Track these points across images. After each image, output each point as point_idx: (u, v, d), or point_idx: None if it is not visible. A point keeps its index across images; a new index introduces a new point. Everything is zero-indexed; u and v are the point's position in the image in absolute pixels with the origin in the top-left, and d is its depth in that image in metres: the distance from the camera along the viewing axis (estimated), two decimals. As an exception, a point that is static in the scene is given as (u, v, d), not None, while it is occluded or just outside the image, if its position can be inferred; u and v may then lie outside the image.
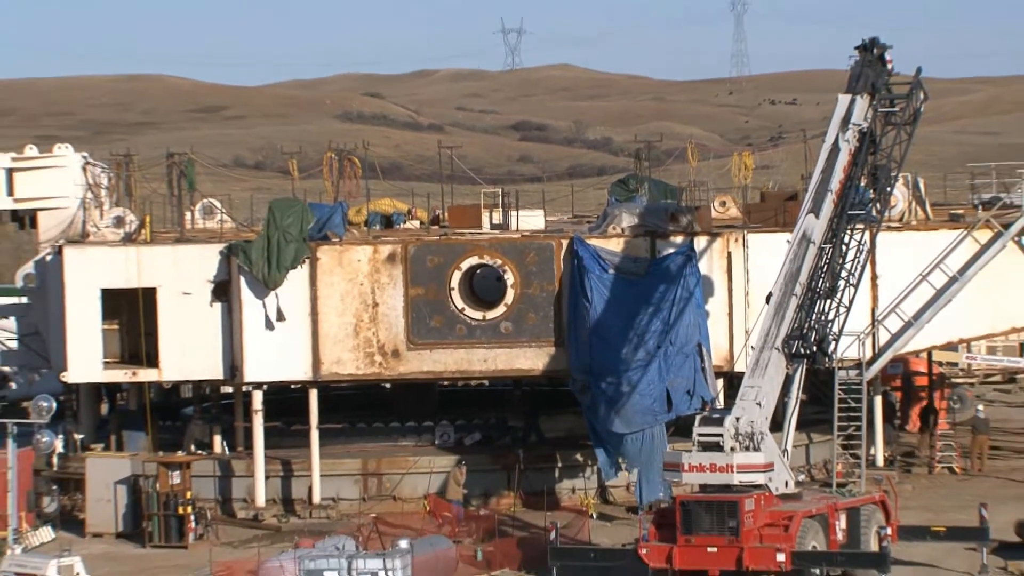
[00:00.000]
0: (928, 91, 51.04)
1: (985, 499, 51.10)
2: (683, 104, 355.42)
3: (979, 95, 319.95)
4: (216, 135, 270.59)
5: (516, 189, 73.16)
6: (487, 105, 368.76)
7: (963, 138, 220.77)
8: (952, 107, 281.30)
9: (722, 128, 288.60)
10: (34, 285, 65.21)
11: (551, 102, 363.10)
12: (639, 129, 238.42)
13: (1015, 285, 58.57)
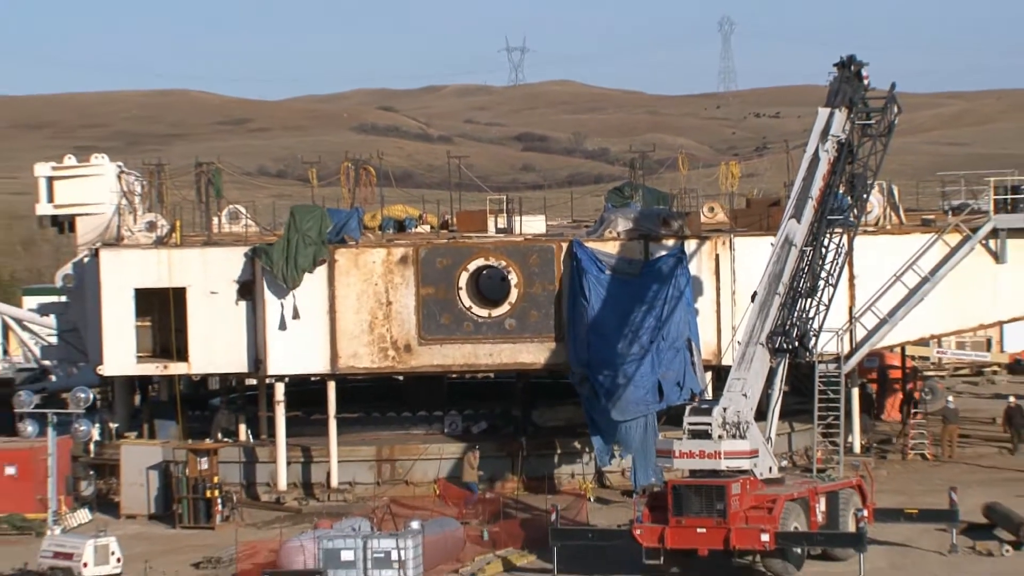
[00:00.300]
0: (902, 105, 51.14)
1: (954, 483, 51.25)
2: (674, 117, 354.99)
3: (949, 109, 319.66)
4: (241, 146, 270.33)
5: (519, 196, 73.32)
6: (492, 118, 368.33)
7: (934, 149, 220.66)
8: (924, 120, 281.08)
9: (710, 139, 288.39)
10: (72, 285, 65.30)
11: (552, 115, 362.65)
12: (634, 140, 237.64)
13: (982, 285, 58.66)
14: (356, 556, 42.79)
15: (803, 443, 57.05)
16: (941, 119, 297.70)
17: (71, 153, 65.97)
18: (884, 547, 47.32)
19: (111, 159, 64.55)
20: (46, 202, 63.39)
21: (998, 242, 58.17)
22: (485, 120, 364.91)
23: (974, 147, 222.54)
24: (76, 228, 63.29)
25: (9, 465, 55.12)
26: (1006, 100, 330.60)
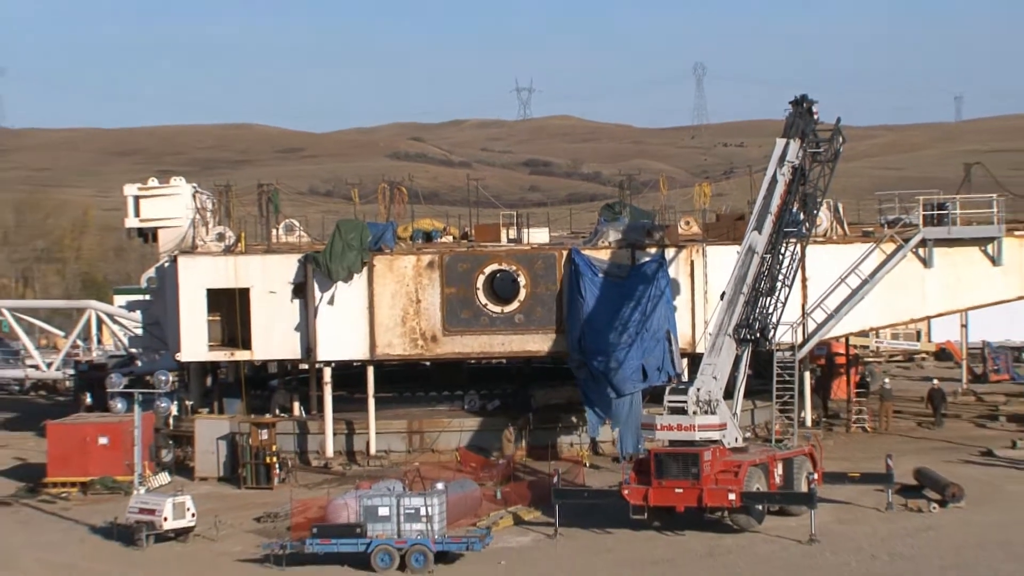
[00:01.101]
0: (845, 136, 51.00)
1: (890, 451, 51.17)
2: (656, 146, 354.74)
3: (885, 139, 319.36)
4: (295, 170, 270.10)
5: (527, 212, 73.32)
6: (504, 147, 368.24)
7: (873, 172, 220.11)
8: (864, 148, 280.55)
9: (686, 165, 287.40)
10: (155, 286, 65.48)
11: (554, 144, 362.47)
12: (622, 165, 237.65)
13: (912, 286, 58.56)
14: (391, 512, 42.73)
15: (763, 418, 56.94)
16: (878, 147, 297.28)
17: (154, 176, 66.08)
18: (831, 505, 47.26)
19: (187, 181, 64.69)
20: (133, 217, 63.49)
21: (926, 250, 58.05)
22: (498, 149, 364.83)
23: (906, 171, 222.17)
24: (158, 238, 63.38)
25: (102, 436, 55.17)
26: (931, 132, 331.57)
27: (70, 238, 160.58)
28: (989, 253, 58.55)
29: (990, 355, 77.13)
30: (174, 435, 58.81)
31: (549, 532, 46.23)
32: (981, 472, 52.93)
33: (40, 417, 65.35)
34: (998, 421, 63.31)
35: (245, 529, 47.95)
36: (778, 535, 45.00)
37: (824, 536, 44.31)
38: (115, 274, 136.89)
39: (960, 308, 64.57)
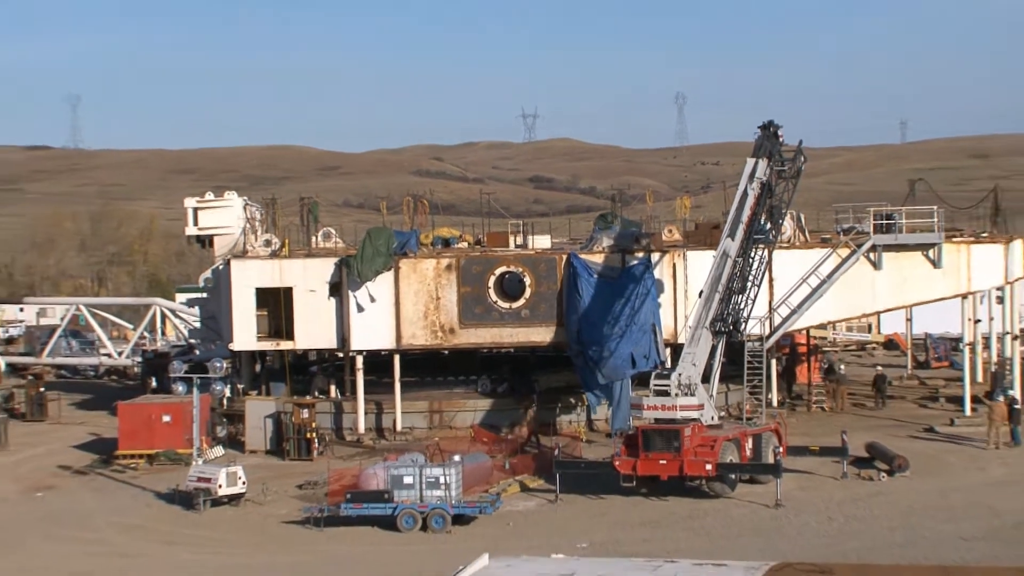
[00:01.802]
0: (806, 155, 51.02)
1: (845, 428, 51.19)
2: (644, 164, 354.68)
3: (841, 158, 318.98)
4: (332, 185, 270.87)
5: (531, 221, 73.23)
6: (512, 165, 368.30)
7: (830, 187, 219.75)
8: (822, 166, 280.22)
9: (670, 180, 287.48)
10: (211, 285, 65.43)
11: (555, 163, 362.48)
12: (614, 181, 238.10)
13: (864, 286, 58.41)
14: (414, 480, 42.77)
15: (736, 399, 56.79)
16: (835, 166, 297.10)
17: (210, 191, 66.06)
18: (794, 474, 47.21)
19: (239, 195, 64.73)
20: (192, 225, 63.51)
21: (876, 255, 57.93)
22: (507, 167, 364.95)
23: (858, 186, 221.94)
24: (214, 244, 63.37)
25: (166, 414, 55.26)
26: (880, 153, 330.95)
27: (138, 244, 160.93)
28: (930, 257, 58.47)
29: (931, 345, 77.09)
30: (227, 414, 58.82)
31: (551, 498, 46.25)
32: (924, 446, 52.88)
33: (112, 398, 65.38)
34: (938, 402, 63.16)
35: (289, 495, 47.99)
36: (749, 500, 45.02)
37: (788, 501, 44.32)
38: (177, 275, 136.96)
39: (905, 304, 64.51)
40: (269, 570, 38.64)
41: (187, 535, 43.71)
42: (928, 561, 33.83)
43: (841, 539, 39.53)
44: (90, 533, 44.55)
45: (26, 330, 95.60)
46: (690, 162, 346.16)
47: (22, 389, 69.87)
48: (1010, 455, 51.33)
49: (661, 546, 37.84)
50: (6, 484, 52.29)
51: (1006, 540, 38.76)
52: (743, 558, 27.97)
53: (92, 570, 39.69)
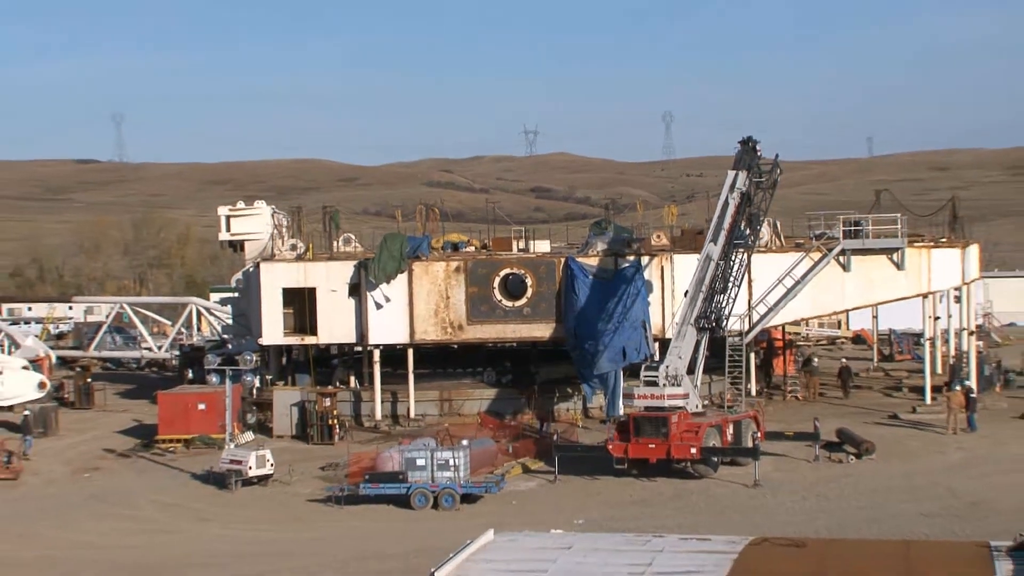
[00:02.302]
0: (782, 168, 51.10)
1: (817, 415, 51.21)
2: (634, 176, 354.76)
3: (813, 171, 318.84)
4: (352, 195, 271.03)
5: (533, 228, 73.19)
6: (515, 176, 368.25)
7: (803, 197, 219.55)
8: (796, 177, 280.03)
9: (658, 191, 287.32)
10: (242, 286, 65.44)
11: (554, 175, 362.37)
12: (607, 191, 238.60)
13: (834, 286, 58.34)
14: (426, 463, 42.84)
15: (718, 389, 56.75)
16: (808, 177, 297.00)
17: (242, 200, 66.06)
18: (771, 457, 47.25)
19: (267, 204, 64.71)
20: (225, 232, 63.42)
21: (845, 258, 57.88)
22: (511, 178, 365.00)
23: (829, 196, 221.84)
24: (244, 249, 63.33)
25: (201, 403, 55.24)
26: (849, 166, 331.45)
27: (176, 248, 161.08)
28: (894, 260, 58.45)
29: (895, 340, 77.02)
30: (257, 402, 58.80)
31: (550, 478, 46.28)
32: (889, 431, 52.84)
33: (152, 388, 65.44)
34: (901, 391, 63.09)
35: (312, 476, 48.04)
36: (730, 480, 45.04)
37: (766, 481, 44.34)
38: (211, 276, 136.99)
39: (872, 303, 64.50)
40: (295, 544, 38.67)
41: (220, 512, 43.76)
42: (892, 536, 33.77)
43: (813, 516, 39.53)
44: (132, 510, 44.60)
45: (75, 326, 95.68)
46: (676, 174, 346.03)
47: (71, 380, 69.97)
48: (967, 440, 51.31)
49: (650, 523, 37.82)
50: (57, 466, 52.35)
51: (963, 517, 38.77)
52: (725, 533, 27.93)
53: (135, 544, 39.73)
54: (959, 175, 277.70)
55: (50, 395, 60.96)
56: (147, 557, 37.72)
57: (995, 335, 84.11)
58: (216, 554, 37.81)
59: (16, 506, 45.57)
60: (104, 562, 37.10)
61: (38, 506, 45.50)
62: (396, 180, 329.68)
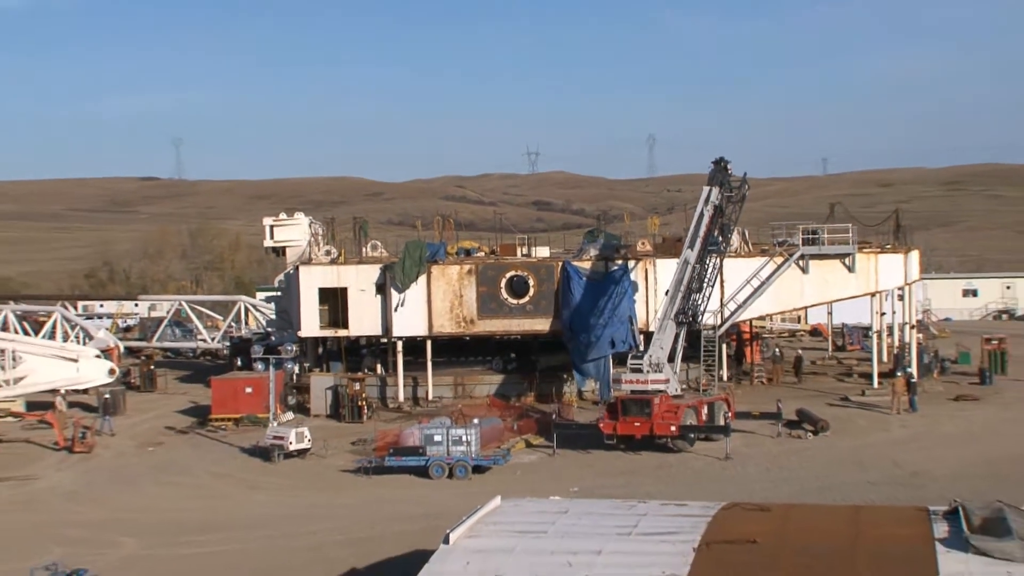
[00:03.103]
0: (749, 184, 50.94)
1: (779, 398, 51.16)
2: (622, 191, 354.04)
3: (776, 187, 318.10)
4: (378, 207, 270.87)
5: (534, 236, 73.41)
6: (519, 192, 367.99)
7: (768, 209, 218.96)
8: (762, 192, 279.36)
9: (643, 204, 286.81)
10: (284, 286, 65.52)
11: (553, 190, 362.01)
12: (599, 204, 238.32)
13: (794, 286, 58.31)
14: (442, 438, 42.75)
15: (694, 375, 56.72)
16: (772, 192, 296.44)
17: (283, 212, 66.16)
18: (740, 434, 47.16)
19: (306, 215, 64.81)
20: (269, 239, 63.62)
21: (804, 262, 57.86)
22: (515, 193, 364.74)
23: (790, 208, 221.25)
24: (286, 254, 63.45)
25: (248, 387, 55.26)
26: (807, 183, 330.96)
27: (227, 254, 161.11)
28: (846, 264, 58.40)
29: (847, 333, 76.89)
30: (296, 386, 58.84)
31: (549, 452, 46.20)
32: (841, 412, 52.79)
33: (207, 374, 65.52)
34: (852, 377, 63.00)
35: (344, 450, 48.01)
36: (704, 454, 44.97)
37: (735, 455, 44.27)
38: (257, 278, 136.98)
39: (827, 301, 64.46)
40: (329, 508, 38.68)
41: (265, 481, 43.77)
42: (844, 501, 33.76)
43: (777, 484, 39.48)
44: (189, 479, 44.64)
45: (140, 321, 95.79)
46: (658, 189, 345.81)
47: (136, 367, 70.10)
48: (908, 419, 51.27)
49: (636, 490, 37.80)
50: (125, 441, 52.43)
51: (904, 485, 38.73)
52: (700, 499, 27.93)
53: (192, 508, 39.76)
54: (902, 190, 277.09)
55: (119, 380, 61.04)
56: (203, 519, 37.76)
57: (933, 329, 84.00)
58: (261, 516, 37.85)
59: (90, 475, 45.65)
60: (166, 523, 37.15)
61: (109, 475, 45.57)
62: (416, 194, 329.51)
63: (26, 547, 33.61)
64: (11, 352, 57.54)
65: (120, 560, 32.18)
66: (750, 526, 23.03)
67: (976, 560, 20.88)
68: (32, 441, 51.81)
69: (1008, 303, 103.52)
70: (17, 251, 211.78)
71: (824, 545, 22.14)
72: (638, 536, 22.91)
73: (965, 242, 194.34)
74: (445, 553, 22.32)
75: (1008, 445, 45.62)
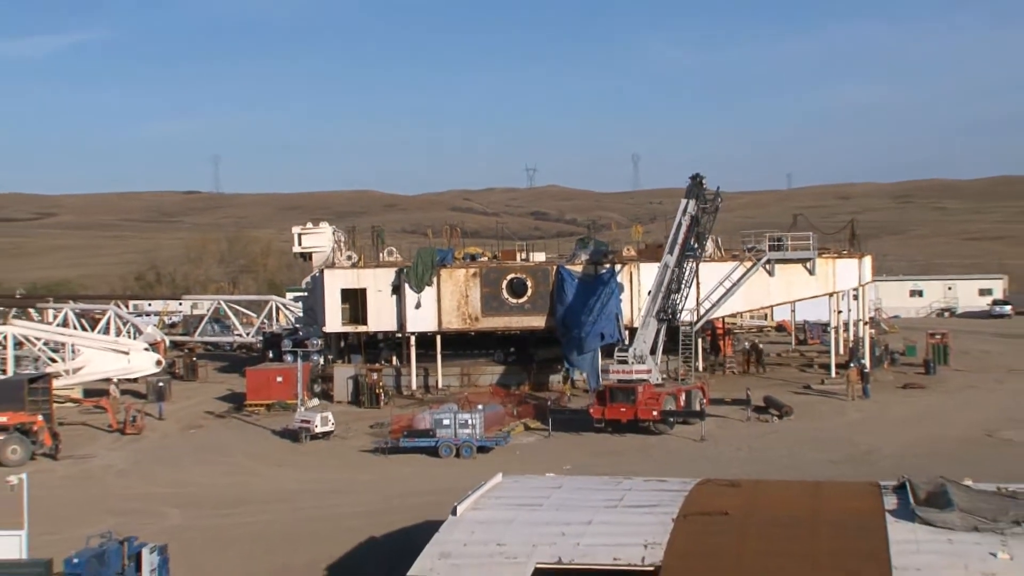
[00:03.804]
0: (722, 197, 50.93)
1: (749, 386, 51.15)
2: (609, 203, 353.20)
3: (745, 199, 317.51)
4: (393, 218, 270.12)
5: (532, 243, 73.17)
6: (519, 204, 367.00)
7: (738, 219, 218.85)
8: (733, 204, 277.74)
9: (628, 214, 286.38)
10: (310, 287, 65.48)
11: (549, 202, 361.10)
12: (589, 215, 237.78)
13: (762, 288, 58.27)
14: (450, 422, 42.76)
15: (673, 366, 56.72)
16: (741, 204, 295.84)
17: (310, 222, 66.10)
18: (713, 418, 47.19)
19: (329, 225, 64.76)
20: (297, 245, 63.60)
21: (770, 266, 57.85)
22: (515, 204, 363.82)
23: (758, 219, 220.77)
24: (312, 259, 63.40)
25: (279, 376, 55.17)
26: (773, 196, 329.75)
27: (260, 258, 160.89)
28: (808, 267, 58.37)
29: (808, 328, 76.78)
30: (321, 376, 58.80)
31: (545, 435, 46.15)
32: (803, 398, 52.80)
33: (242, 365, 65.50)
34: (812, 368, 62.97)
35: (364, 432, 48.00)
36: (682, 436, 44.96)
37: (710, 436, 44.27)
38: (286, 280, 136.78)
39: (790, 300, 64.37)
40: (350, 484, 38.67)
41: (293, 460, 43.76)
42: (806, 477, 33.73)
43: (746, 463, 39.48)
44: (227, 458, 44.63)
45: (183, 318, 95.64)
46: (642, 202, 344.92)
47: (180, 358, 70.03)
48: (862, 405, 51.29)
49: (622, 468, 37.76)
50: (169, 424, 52.42)
51: (859, 462, 38.74)
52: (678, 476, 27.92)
53: (229, 483, 39.75)
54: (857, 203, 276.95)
55: (165, 370, 61.09)
56: (238, 493, 37.76)
57: (884, 325, 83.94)
58: (290, 491, 37.84)
59: (139, 454, 45.65)
60: (205, 496, 37.15)
61: (156, 454, 45.57)
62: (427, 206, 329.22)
63: (83, 517, 33.62)
64: (71, 346, 57.76)
65: (166, 529, 32.16)
66: (722, 500, 23.05)
67: (922, 529, 20.92)
68: (89, 424, 51.80)
69: (950, 302, 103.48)
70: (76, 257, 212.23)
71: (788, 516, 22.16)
72: (624, 508, 22.93)
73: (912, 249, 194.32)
74: (453, 523, 22.35)
75: (950, 427, 45.65)
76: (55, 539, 29.20)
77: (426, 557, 20.96)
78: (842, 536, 20.94)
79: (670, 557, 20.23)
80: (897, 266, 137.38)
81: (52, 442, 44.18)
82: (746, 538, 21.04)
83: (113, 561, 24.63)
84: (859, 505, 22.68)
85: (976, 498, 22.06)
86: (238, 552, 30.26)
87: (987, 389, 55.75)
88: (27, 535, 24.66)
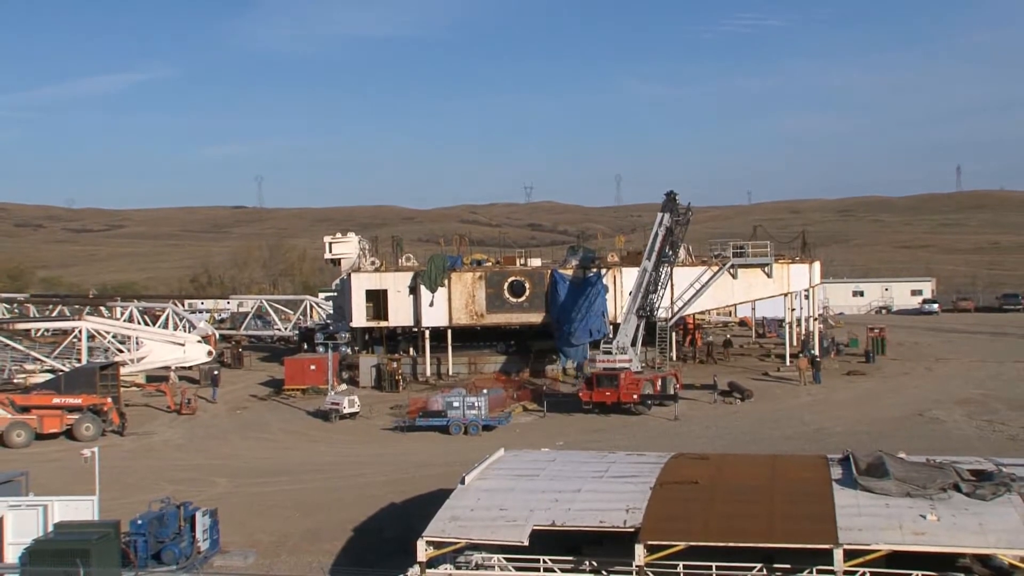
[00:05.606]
0: (693, 211, 50.88)
1: (716, 373, 51.02)
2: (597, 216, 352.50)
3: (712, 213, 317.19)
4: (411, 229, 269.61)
5: (529, 250, 73.12)
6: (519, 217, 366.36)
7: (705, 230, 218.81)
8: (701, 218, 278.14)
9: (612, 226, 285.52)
10: (339, 288, 65.33)
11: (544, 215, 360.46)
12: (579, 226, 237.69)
13: (726, 288, 58.11)
14: (459, 404, 42.71)
15: (651, 357, 56.61)
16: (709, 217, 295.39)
17: (339, 232, 66.04)
18: (685, 401, 47.06)
19: (356, 235, 64.65)
20: (328, 252, 63.47)
21: (734, 270, 57.74)
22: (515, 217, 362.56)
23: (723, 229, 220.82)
24: (340, 264, 63.28)
25: (313, 365, 55.07)
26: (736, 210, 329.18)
27: (296, 264, 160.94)
28: (766, 271, 58.24)
29: (766, 324, 76.69)
30: (348, 365, 58.68)
31: (541, 415, 46.10)
32: (762, 384, 52.64)
33: (281, 355, 65.39)
34: (770, 357, 62.81)
35: (385, 413, 47.89)
36: (659, 416, 44.86)
37: (682, 416, 44.18)
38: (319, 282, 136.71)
39: (751, 299, 64.10)
40: (374, 457, 38.64)
41: (325, 436, 43.74)
42: (765, 451, 33.72)
43: (714, 439, 39.44)
44: (268, 435, 44.60)
45: (230, 315, 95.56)
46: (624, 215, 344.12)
47: (228, 349, 69.91)
48: (813, 389, 51.17)
49: (607, 444, 37.77)
50: (219, 406, 52.35)
51: (810, 439, 38.66)
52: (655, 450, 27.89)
53: (269, 456, 39.75)
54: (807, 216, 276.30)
55: (215, 360, 60.98)
56: (277, 464, 37.75)
57: (831, 321, 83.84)
58: (322, 462, 37.82)
59: (192, 432, 45.62)
60: (249, 468, 37.14)
61: (206, 431, 45.56)
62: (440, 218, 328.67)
63: (145, 485, 33.66)
64: (135, 338, 57.74)
65: (215, 495, 32.18)
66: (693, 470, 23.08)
67: (863, 495, 20.99)
68: (150, 405, 51.77)
69: (886, 301, 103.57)
70: (141, 263, 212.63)
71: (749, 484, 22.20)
72: (609, 479, 22.96)
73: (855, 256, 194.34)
74: (461, 492, 22.38)
75: (887, 408, 45.58)
76: (122, 503, 29.25)
77: (439, 520, 21.04)
78: (795, 501, 21.00)
79: (648, 519, 20.30)
80: (841, 270, 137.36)
81: (119, 421, 44.48)
82: (713, 503, 21.09)
83: (171, 522, 24.75)
84: (809, 475, 22.74)
85: (909, 469, 22.11)
86: (277, 515, 30.29)
87: (918, 375, 55.69)
88: (98, 500, 24.81)
